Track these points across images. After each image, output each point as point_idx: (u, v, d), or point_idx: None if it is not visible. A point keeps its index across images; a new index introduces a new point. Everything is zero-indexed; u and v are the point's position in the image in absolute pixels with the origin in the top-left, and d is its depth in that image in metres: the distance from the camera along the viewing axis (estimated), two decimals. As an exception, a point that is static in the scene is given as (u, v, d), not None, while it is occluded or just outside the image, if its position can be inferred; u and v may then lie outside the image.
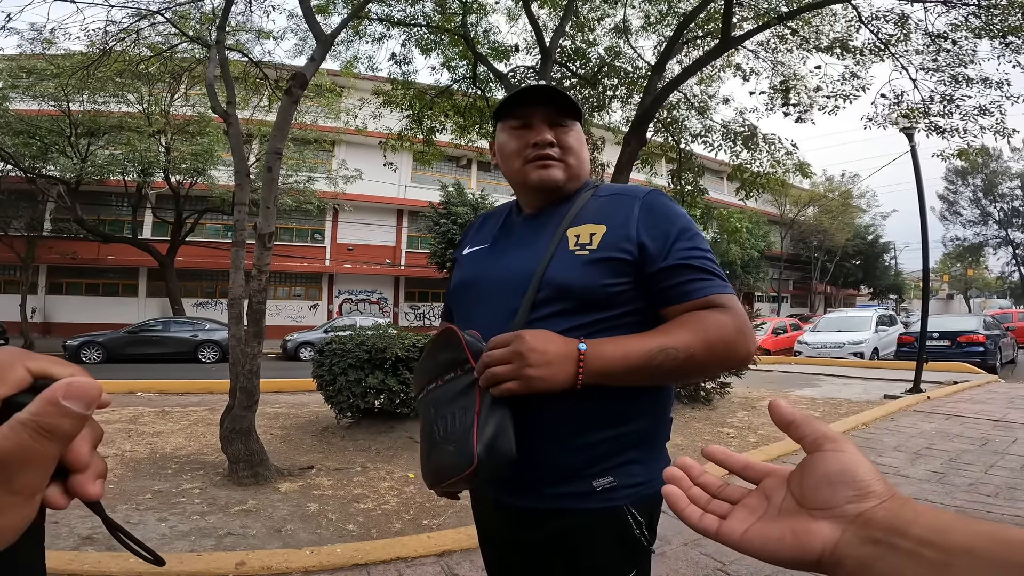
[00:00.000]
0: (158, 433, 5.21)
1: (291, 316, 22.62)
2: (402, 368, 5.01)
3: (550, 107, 1.03)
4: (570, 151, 1.04)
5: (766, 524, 0.42)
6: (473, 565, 2.56)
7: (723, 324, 0.89)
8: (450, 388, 0.94)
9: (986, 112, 6.51)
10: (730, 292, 0.94)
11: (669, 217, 0.97)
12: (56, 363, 0.37)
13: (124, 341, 14.28)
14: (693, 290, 0.92)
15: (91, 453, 0.37)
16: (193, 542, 2.78)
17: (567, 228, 0.99)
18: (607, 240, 0.95)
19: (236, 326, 4.05)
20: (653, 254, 0.93)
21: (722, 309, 0.91)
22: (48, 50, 8.64)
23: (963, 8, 6.00)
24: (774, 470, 0.46)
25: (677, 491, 0.48)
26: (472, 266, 1.10)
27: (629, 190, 1.03)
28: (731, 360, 0.92)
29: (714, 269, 0.95)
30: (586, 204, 1.02)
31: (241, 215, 4.24)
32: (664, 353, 0.86)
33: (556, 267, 0.95)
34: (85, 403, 0.34)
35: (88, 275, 20.67)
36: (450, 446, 0.88)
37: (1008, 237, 42.06)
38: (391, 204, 23.99)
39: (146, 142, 15.02)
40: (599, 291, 0.93)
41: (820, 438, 0.43)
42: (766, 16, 6.58)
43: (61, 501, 0.36)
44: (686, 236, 0.96)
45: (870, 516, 0.38)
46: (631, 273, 0.94)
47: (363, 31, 7.71)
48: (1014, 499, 3.36)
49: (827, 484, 0.40)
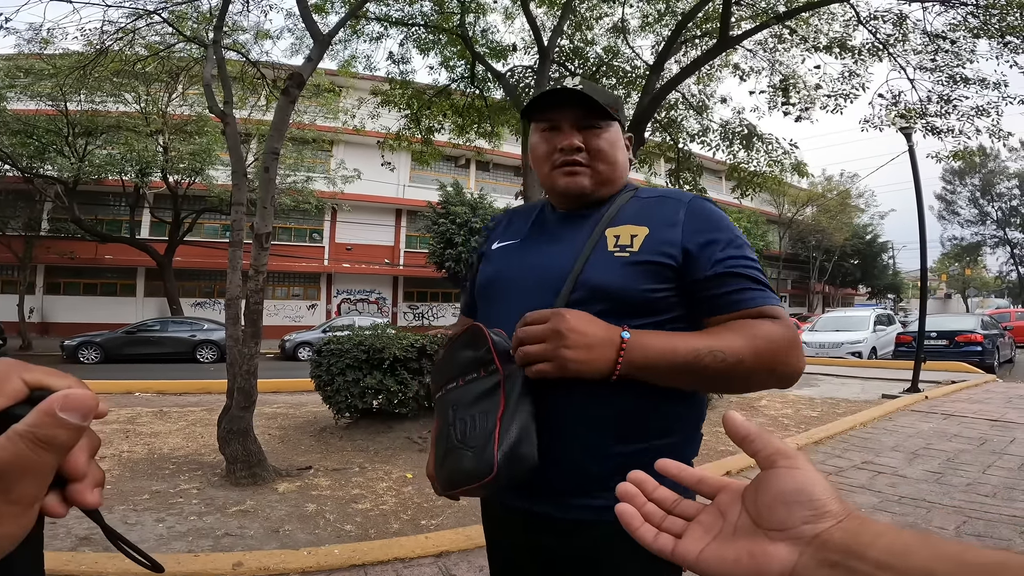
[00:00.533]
0: (156, 433, 5.20)
1: (289, 316, 22.60)
2: (400, 368, 5.01)
3: (580, 108, 0.98)
4: (600, 156, 0.98)
5: (722, 545, 0.41)
6: (471, 566, 2.55)
7: (775, 335, 0.85)
8: (472, 389, 0.89)
9: (983, 113, 6.52)
10: (779, 304, 0.91)
11: (717, 224, 0.93)
12: (52, 374, 0.38)
13: (122, 341, 14.25)
14: (744, 299, 0.88)
15: (89, 462, 0.37)
16: (190, 543, 2.77)
17: (606, 228, 0.94)
18: (649, 243, 0.90)
19: (233, 326, 4.05)
20: (700, 261, 0.89)
21: (773, 320, 0.87)
22: (45, 50, 8.62)
23: (961, 8, 6.00)
24: (728, 484, 0.46)
25: (631, 509, 0.47)
26: (501, 261, 1.05)
27: (674, 194, 0.99)
28: (779, 372, 0.86)
29: (763, 280, 0.91)
30: (626, 205, 0.98)
31: (238, 215, 4.24)
32: (712, 355, 0.82)
33: (593, 267, 0.90)
34: (82, 415, 0.35)
35: (86, 275, 20.64)
36: (468, 451, 0.84)
37: (1006, 237, 42.19)
38: (389, 204, 23.98)
39: (144, 142, 15.00)
40: (638, 295, 0.88)
41: (774, 454, 0.42)
42: (764, 16, 6.58)
43: (60, 509, 0.37)
44: (735, 244, 0.92)
45: (827, 538, 0.37)
46: (673, 279, 0.89)
47: (361, 30, 7.70)
48: (1012, 499, 3.36)
49: (782, 503, 0.39)
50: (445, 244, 19.75)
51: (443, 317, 24.97)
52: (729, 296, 0.88)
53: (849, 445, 4.73)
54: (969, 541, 2.85)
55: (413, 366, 5.06)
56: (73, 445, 0.35)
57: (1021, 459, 4.23)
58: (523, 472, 0.81)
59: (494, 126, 8.79)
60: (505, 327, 0.91)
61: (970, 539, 2.83)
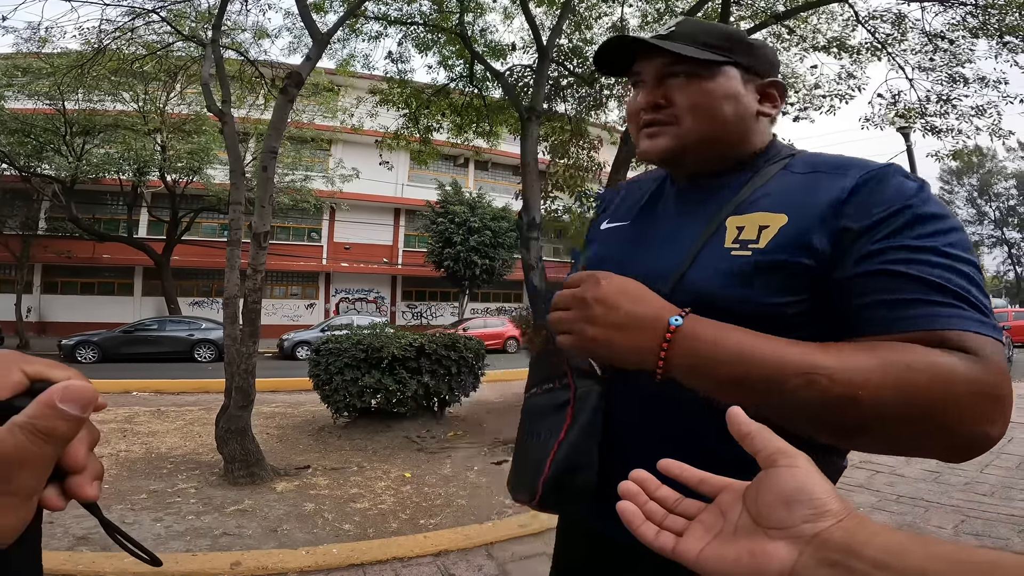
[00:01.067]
0: (153, 433, 5.19)
1: (288, 315, 22.58)
2: (399, 368, 5.01)
3: (661, 56, 0.76)
4: (689, 110, 0.75)
5: (722, 544, 0.41)
6: (470, 565, 2.55)
7: (948, 368, 0.53)
8: (546, 400, 0.81)
9: (982, 112, 6.54)
10: (990, 334, 0.56)
11: (904, 199, 0.62)
12: (52, 366, 0.38)
13: (119, 340, 14.22)
14: (908, 317, 0.57)
15: (88, 455, 0.38)
16: (188, 542, 2.77)
17: (729, 215, 0.71)
18: (783, 237, 0.65)
19: (231, 326, 4.04)
20: (852, 251, 0.62)
21: (960, 354, 0.54)
22: (43, 49, 8.61)
23: (960, 8, 6.01)
24: (729, 484, 0.46)
25: (632, 507, 0.47)
26: (606, 247, 0.86)
27: (849, 162, 0.69)
28: (943, 432, 0.54)
29: (968, 294, 0.58)
30: (768, 182, 0.73)
31: (236, 214, 4.23)
32: (807, 376, 0.55)
33: (701, 268, 0.69)
34: (81, 406, 0.35)
35: (83, 274, 20.59)
36: (529, 466, 0.78)
37: (1003, 236, 42.33)
38: (388, 203, 23.97)
39: (142, 141, 14.97)
40: (760, 310, 0.64)
41: (775, 452, 0.41)
42: (763, 16, 6.59)
43: (58, 502, 0.37)
44: (924, 232, 0.61)
45: (827, 537, 0.37)
46: (812, 286, 0.64)
47: (359, 29, 7.70)
48: (1010, 498, 3.37)
49: (782, 502, 0.39)
50: (444, 243, 19.75)
51: (442, 316, 24.96)
52: (882, 309, 0.59)
53: (847, 444, 4.73)
54: (967, 540, 2.86)
55: (412, 365, 5.06)
56: (72, 437, 0.35)
57: (1019, 458, 4.25)
58: (575, 499, 0.73)
59: (492, 125, 8.78)
60: None
61: (968, 538, 2.84)
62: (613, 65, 0.82)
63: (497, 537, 2.80)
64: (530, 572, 2.50)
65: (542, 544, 2.75)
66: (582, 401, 0.75)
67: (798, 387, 0.55)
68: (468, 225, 19.56)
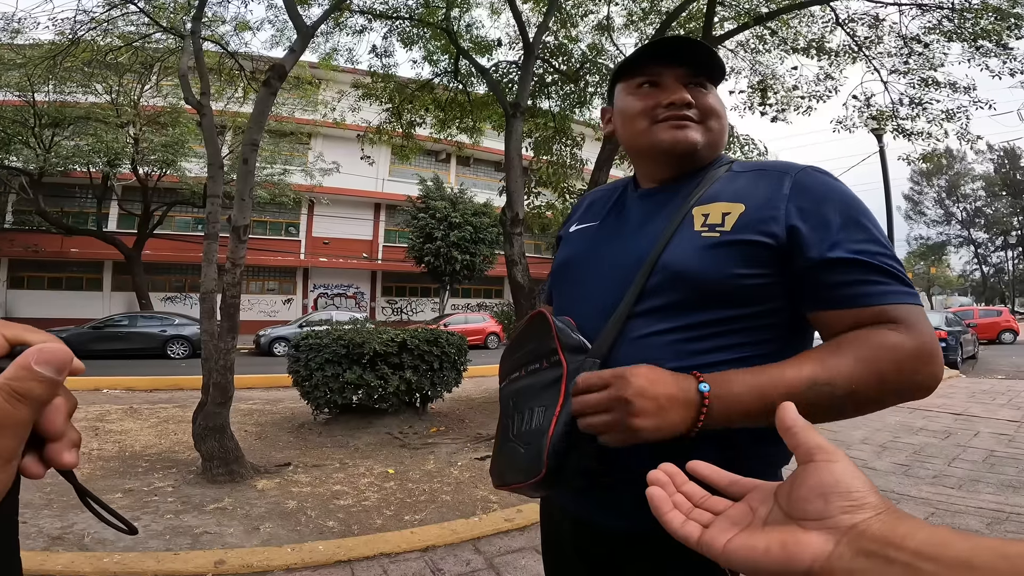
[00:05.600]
0: (126, 431, 5.07)
1: (264, 311, 22.22)
2: (380, 363, 4.97)
3: (687, 67, 0.87)
4: (712, 114, 0.87)
5: (751, 535, 0.41)
6: (457, 560, 2.56)
7: (900, 348, 0.70)
8: (533, 381, 0.83)
9: (952, 117, 6.73)
10: (915, 302, 0.73)
11: (834, 197, 0.77)
12: (30, 331, 0.38)
13: (88, 337, 13.83)
14: (864, 294, 0.72)
15: (66, 423, 0.38)
16: (168, 541, 2.71)
17: (694, 206, 0.82)
18: (744, 221, 0.77)
19: (208, 321, 3.97)
20: (809, 241, 0.74)
21: (898, 326, 0.71)
22: (15, 39, 8.30)
23: (937, 11, 6.18)
24: (760, 484, 0.45)
25: (662, 493, 0.46)
26: (578, 244, 0.97)
27: (779, 165, 0.84)
28: (907, 392, 0.72)
29: (894, 269, 0.74)
30: (719, 180, 0.85)
31: (214, 208, 4.15)
32: (816, 389, 0.68)
33: (675, 249, 0.79)
34: (56, 368, 0.35)
35: (51, 269, 19.98)
36: (521, 447, 0.79)
37: (970, 236, 43.77)
38: (368, 198, 23.74)
39: (114, 132, 14.55)
40: (728, 282, 0.76)
41: (814, 448, 0.41)
42: (747, 16, 6.68)
43: (37, 469, 0.37)
44: (856, 223, 0.75)
45: (864, 528, 0.36)
46: (771, 262, 0.76)
47: (344, 23, 7.59)
48: (976, 491, 3.49)
49: (819, 495, 0.39)
50: (424, 239, 19.63)
51: (422, 312, 24.83)
52: (845, 289, 0.73)
53: (822, 439, 4.85)
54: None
55: (394, 361, 5.03)
56: (49, 399, 0.36)
57: (985, 452, 4.40)
58: (577, 476, 0.75)
59: (476, 121, 8.75)
60: (575, 314, 0.86)
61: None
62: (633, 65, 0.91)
63: (483, 532, 2.81)
64: (517, 566, 2.51)
65: (528, 538, 2.77)
66: (575, 375, 0.77)
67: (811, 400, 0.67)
68: (449, 220, 19.47)
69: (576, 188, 8.50)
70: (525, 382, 0.85)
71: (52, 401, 0.36)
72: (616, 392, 0.69)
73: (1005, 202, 41.18)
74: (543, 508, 1.01)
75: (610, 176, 6.20)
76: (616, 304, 0.81)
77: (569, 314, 0.87)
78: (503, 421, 0.87)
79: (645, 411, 0.68)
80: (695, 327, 0.77)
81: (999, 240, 43.58)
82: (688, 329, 0.77)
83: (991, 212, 42.17)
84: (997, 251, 44.70)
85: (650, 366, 0.72)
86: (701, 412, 0.69)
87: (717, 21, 6.69)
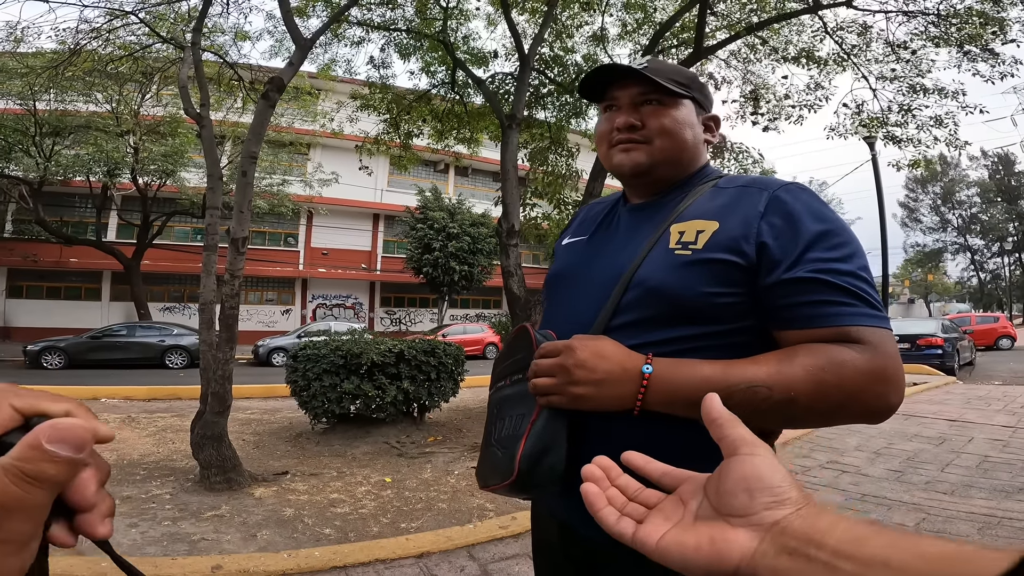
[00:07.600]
0: (124, 440, 5.09)
1: (263, 321, 22.21)
2: (378, 373, 5.00)
3: (638, 85, 0.90)
4: (660, 132, 0.89)
5: (682, 531, 0.41)
6: (452, 566, 2.58)
7: (849, 364, 0.70)
8: (515, 390, 0.86)
9: (940, 123, 6.80)
10: (880, 324, 0.73)
11: (806, 215, 0.77)
12: (47, 398, 0.34)
13: (87, 346, 13.84)
14: (823, 315, 0.73)
15: (97, 492, 0.34)
16: (166, 547, 2.74)
17: (672, 223, 0.85)
18: (717, 239, 0.79)
19: (207, 331, 4.00)
20: (775, 259, 0.75)
21: (857, 345, 0.71)
22: (17, 48, 8.40)
23: (923, 18, 6.27)
24: (691, 476, 0.46)
25: (596, 490, 0.47)
26: (566, 258, 1.00)
27: (761, 181, 0.85)
28: (854, 411, 0.72)
29: (861, 291, 0.74)
30: (701, 196, 0.87)
31: (213, 219, 4.20)
32: (751, 391, 0.71)
33: (650, 266, 0.82)
34: (74, 447, 0.31)
35: (50, 278, 20.01)
36: (499, 451, 0.82)
37: (966, 243, 43.94)
38: (367, 208, 23.82)
39: (114, 142, 14.63)
40: (699, 300, 0.77)
41: (738, 441, 0.42)
42: (738, 27, 6.78)
43: (68, 540, 0.34)
44: (827, 242, 0.76)
45: (786, 525, 0.36)
46: (742, 282, 0.77)
47: (342, 35, 7.69)
48: (969, 496, 3.51)
49: (743, 490, 0.39)
50: (423, 249, 19.70)
51: (421, 322, 24.82)
52: (805, 308, 0.73)
53: (815, 446, 4.87)
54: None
55: (391, 371, 5.06)
56: (68, 479, 0.32)
57: (979, 458, 4.42)
58: (548, 480, 0.77)
59: (473, 132, 8.83)
60: (559, 327, 0.88)
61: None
62: (593, 91, 0.96)
63: (478, 538, 2.83)
64: (511, 572, 2.54)
65: (522, 545, 2.79)
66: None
67: (743, 400, 0.70)
68: (447, 231, 19.54)
69: (571, 199, 8.56)
70: (509, 391, 0.89)
71: (78, 475, 0.33)
72: (562, 360, 0.76)
73: (1000, 208, 41.39)
74: (533, 513, 1.03)
75: (605, 186, 6.25)
76: (595, 317, 0.84)
77: (553, 327, 0.90)
78: (488, 427, 0.91)
79: (583, 380, 0.75)
80: (668, 342, 0.79)
81: (995, 246, 43.77)
82: (661, 344, 0.79)
83: (987, 218, 42.37)
84: (993, 257, 44.90)
85: (608, 341, 0.78)
86: (639, 391, 0.74)
87: (709, 31, 6.79)
